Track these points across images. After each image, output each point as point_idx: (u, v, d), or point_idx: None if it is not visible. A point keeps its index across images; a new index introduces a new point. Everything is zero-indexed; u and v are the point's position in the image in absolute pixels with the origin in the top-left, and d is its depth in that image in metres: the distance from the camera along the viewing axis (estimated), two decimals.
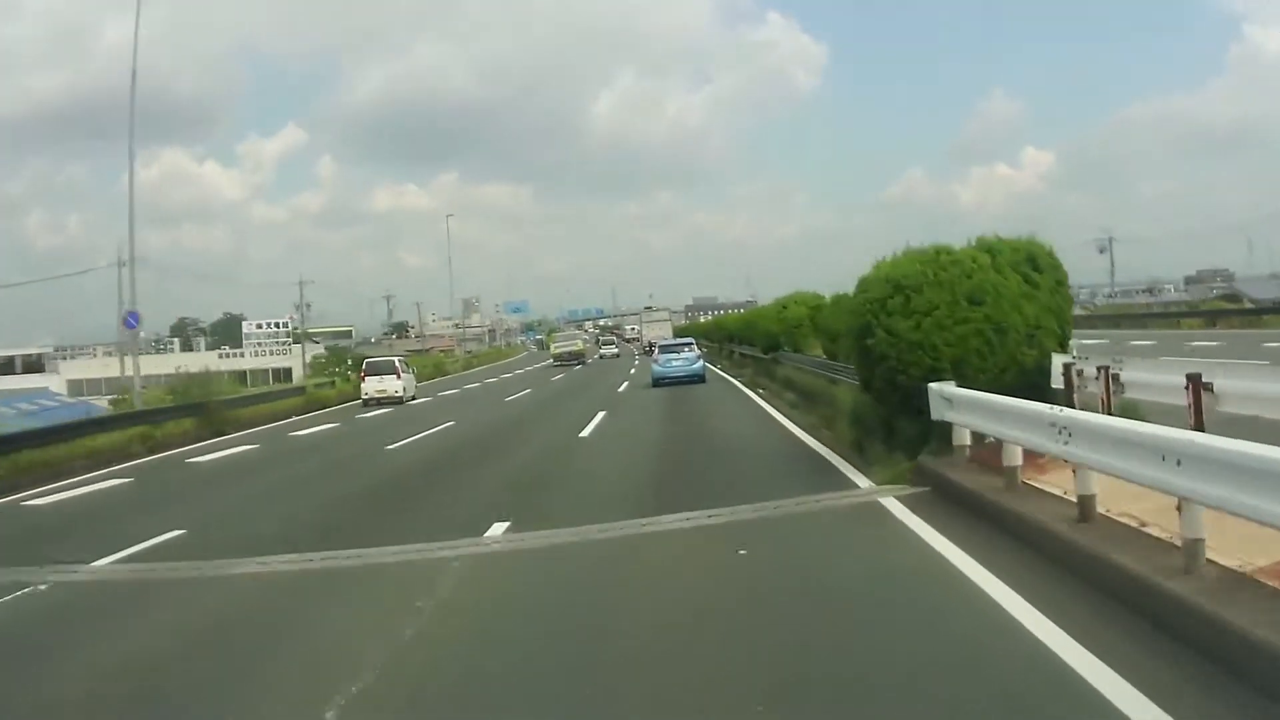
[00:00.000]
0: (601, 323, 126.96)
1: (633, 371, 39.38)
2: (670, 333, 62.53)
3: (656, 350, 31.27)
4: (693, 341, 32.87)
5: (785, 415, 16.83)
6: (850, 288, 11.45)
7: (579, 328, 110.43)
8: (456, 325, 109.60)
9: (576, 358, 57.05)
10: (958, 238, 9.91)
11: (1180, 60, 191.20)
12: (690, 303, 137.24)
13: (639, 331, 77.32)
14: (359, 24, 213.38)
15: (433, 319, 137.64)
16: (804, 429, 14.31)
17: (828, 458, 11.36)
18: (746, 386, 25.22)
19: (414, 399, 30.22)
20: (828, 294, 24.98)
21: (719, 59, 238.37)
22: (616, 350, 73.10)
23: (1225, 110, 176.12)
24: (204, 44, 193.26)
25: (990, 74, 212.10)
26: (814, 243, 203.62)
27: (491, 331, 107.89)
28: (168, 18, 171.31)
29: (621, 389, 28.75)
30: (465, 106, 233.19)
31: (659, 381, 27.97)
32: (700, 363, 29.37)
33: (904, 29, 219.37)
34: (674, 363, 28.81)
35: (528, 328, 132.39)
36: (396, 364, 31.02)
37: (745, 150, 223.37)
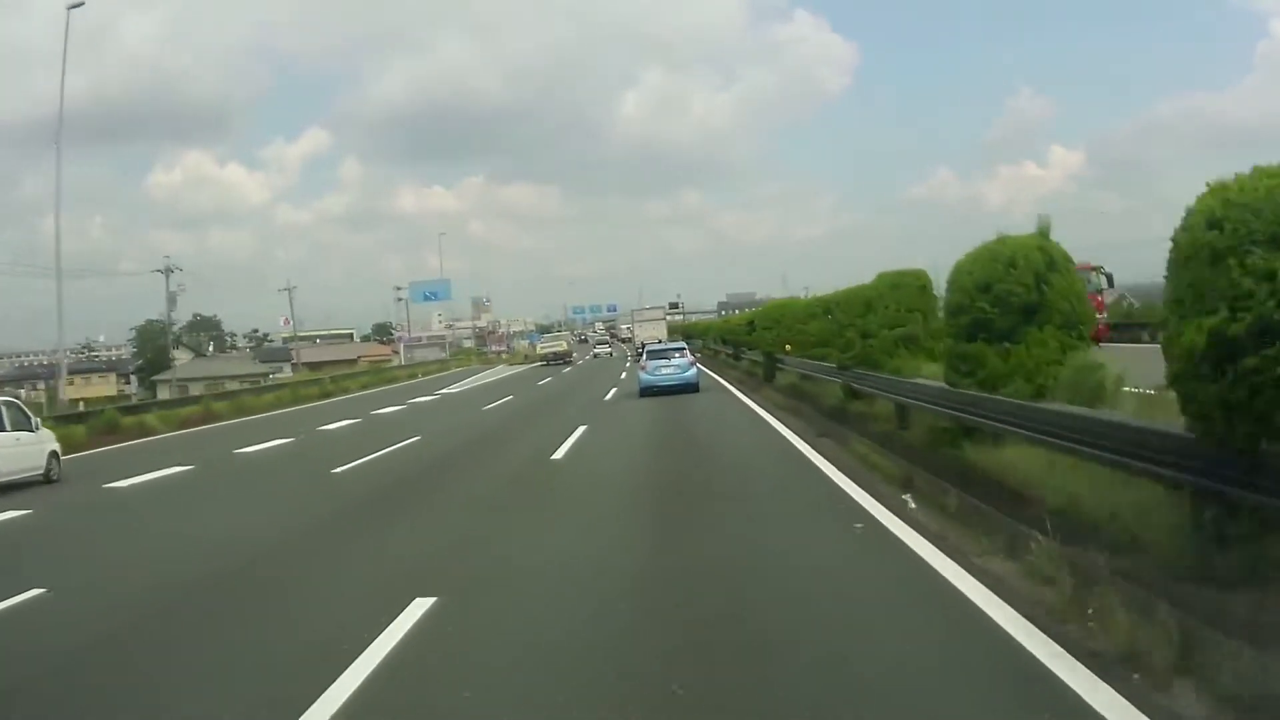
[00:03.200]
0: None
1: (611, 393, 28.71)
2: (665, 333, 59.25)
3: (644, 355, 28.16)
4: (684, 346, 29.57)
5: None
6: None
7: (591, 328, 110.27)
8: (449, 325, 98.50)
9: (562, 357, 60.04)
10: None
11: (1209, 57, 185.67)
12: (724, 299, 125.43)
13: (631, 331, 73.56)
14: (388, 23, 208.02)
15: (439, 319, 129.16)
16: None
17: None
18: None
19: (45, 480, 15.43)
20: None
21: (746, 57, 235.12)
22: (610, 350, 72.71)
23: (1255, 107, 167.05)
24: (223, 42, 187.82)
25: (1018, 72, 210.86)
26: (843, 242, 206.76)
27: (490, 333, 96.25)
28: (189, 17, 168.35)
29: (569, 443, 15.34)
30: (493, 107, 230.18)
31: (647, 391, 25.10)
32: (694, 369, 26.34)
33: (932, 28, 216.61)
34: (663, 370, 25.84)
35: (543, 329, 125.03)
36: None
37: (772, 150, 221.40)
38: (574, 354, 64.75)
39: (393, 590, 6.32)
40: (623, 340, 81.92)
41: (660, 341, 38.83)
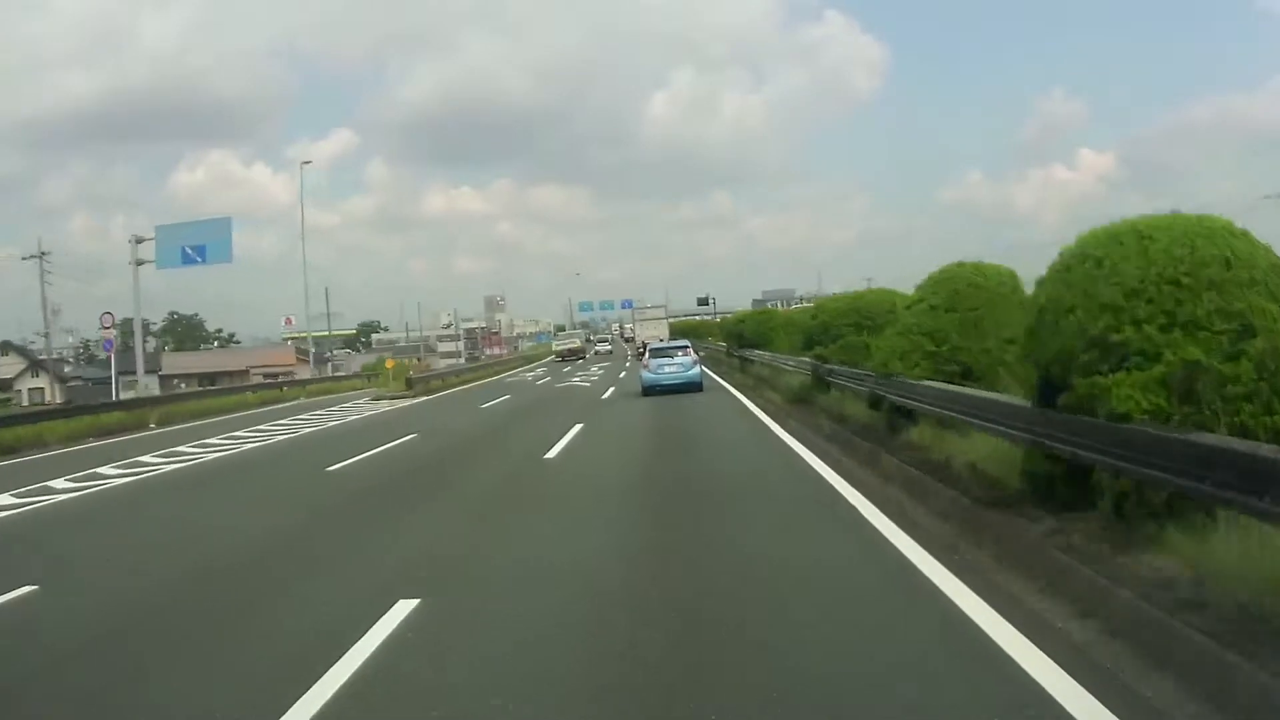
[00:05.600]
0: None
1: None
2: (666, 333, 58.32)
3: (647, 354, 27.71)
4: (688, 344, 28.09)
5: None
6: None
7: (609, 328, 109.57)
8: (447, 325, 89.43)
9: (576, 354, 65.20)
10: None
11: (1238, 57, 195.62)
12: (759, 296, 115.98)
13: (633, 331, 74.59)
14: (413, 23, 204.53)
15: (448, 318, 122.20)
16: None
17: None
18: None
19: None
20: None
21: (777, 58, 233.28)
22: (610, 348, 74.86)
23: None
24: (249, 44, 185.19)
25: (1049, 74, 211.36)
26: (873, 245, 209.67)
27: (491, 333, 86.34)
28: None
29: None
30: (522, 109, 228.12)
31: (649, 390, 25.13)
32: (697, 368, 26.20)
33: (962, 30, 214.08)
34: (667, 369, 25.62)
35: (559, 329, 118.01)
36: None
37: (802, 152, 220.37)
38: (586, 351, 70.72)
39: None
40: (626, 340, 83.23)
41: (662, 341, 39.22)
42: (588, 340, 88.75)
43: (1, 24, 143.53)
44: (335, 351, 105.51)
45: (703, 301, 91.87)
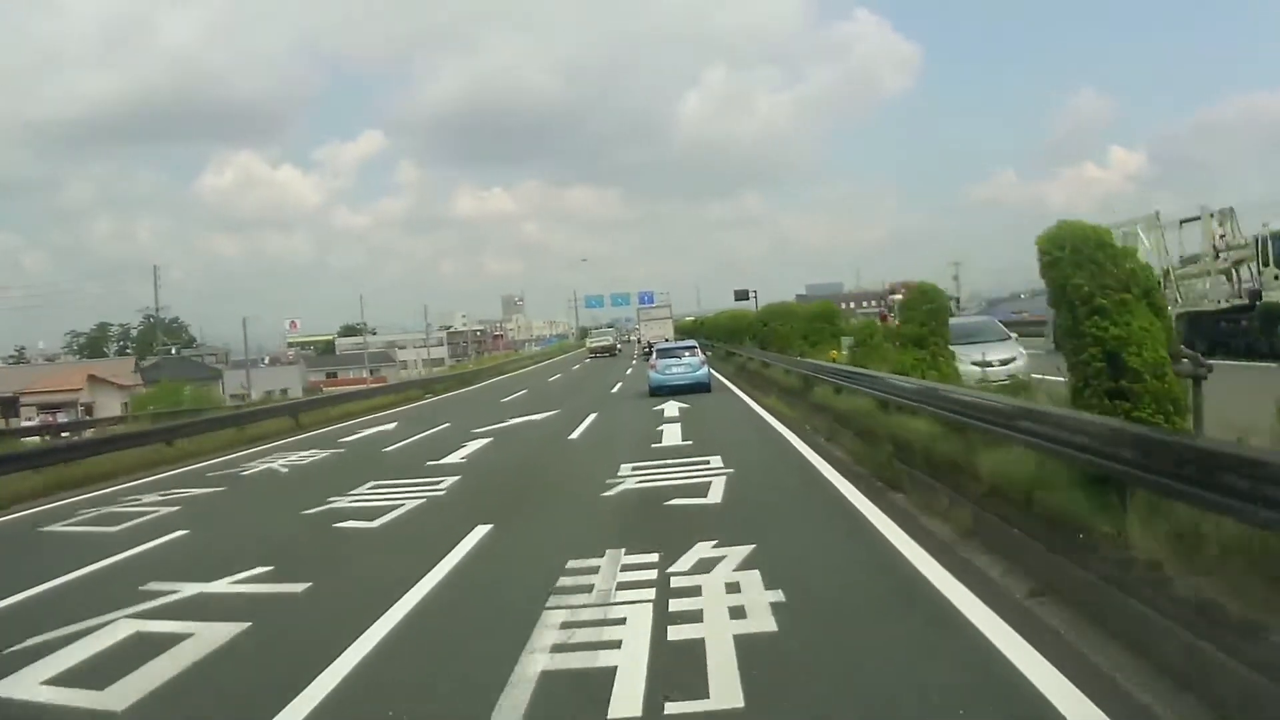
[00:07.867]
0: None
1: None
2: (671, 333, 60.58)
3: (654, 355, 28.08)
4: (695, 345, 29.24)
5: None
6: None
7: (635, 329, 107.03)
8: (446, 327, 79.59)
9: (608, 350, 74.87)
10: None
11: (1268, 56, 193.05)
12: (803, 292, 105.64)
13: (639, 331, 74.95)
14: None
15: (462, 321, 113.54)
16: None
17: None
18: None
19: None
20: None
21: (808, 58, 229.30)
22: (619, 347, 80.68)
23: None
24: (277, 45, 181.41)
25: (1080, 74, 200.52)
26: (906, 243, 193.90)
27: (495, 336, 76.43)
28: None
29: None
30: (551, 110, 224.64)
31: (657, 391, 25.36)
32: (705, 368, 26.72)
33: (993, 29, 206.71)
34: (674, 369, 25.97)
35: (585, 331, 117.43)
36: None
37: (833, 151, 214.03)
38: (619, 346, 79.03)
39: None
40: (637, 341, 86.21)
41: (668, 340, 39.27)
42: (621, 340, 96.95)
43: (14, 25, 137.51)
44: (292, 362, 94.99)
45: (741, 295, 79.42)
